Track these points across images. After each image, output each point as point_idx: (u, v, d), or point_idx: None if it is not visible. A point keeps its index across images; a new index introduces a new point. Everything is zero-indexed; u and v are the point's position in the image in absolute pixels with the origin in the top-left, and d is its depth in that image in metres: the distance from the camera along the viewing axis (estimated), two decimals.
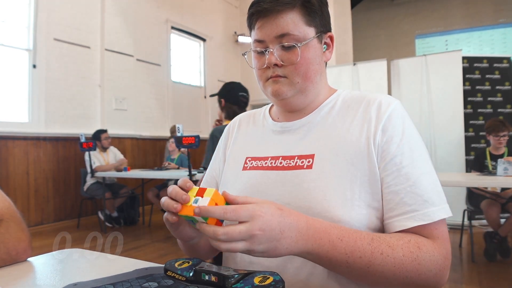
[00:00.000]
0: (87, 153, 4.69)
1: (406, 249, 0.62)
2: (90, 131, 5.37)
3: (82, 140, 4.58)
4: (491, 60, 4.68)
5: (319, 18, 0.74)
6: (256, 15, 0.73)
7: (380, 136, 0.70)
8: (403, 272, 0.61)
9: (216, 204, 0.55)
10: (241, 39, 8.46)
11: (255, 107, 0.96)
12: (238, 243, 0.53)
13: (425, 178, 0.67)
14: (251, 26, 0.76)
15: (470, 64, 4.63)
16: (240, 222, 0.53)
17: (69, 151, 5.10)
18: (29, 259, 0.80)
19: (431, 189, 0.67)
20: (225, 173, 0.86)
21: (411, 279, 0.62)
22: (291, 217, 0.57)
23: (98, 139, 4.94)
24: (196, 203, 0.56)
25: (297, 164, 0.74)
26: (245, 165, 0.81)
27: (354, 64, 5.25)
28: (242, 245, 0.53)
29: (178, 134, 3.61)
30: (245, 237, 0.53)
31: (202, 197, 0.56)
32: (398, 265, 0.61)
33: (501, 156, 3.40)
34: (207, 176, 0.93)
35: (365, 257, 0.60)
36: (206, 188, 0.57)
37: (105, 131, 5.03)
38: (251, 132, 0.87)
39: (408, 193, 0.66)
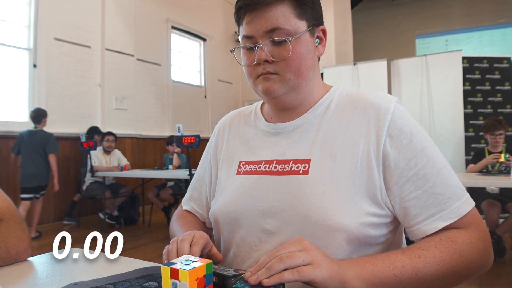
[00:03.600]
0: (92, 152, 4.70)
1: (441, 247, 0.60)
2: None
3: (83, 139, 4.57)
4: (491, 60, 4.69)
5: (310, 11, 0.71)
6: (244, 9, 0.69)
7: (389, 142, 0.67)
8: (449, 268, 0.59)
9: (197, 279, 0.50)
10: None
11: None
12: (297, 253, 0.52)
13: (443, 174, 0.66)
14: (239, 21, 0.72)
15: (470, 64, 4.63)
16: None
17: (69, 150, 5.10)
18: (29, 258, 0.80)
19: (451, 183, 0.65)
20: (220, 177, 0.83)
21: (461, 273, 0.60)
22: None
23: (102, 138, 4.94)
24: (187, 265, 0.52)
25: (293, 169, 0.70)
26: (239, 169, 0.78)
27: (354, 64, 5.25)
28: (300, 253, 0.52)
29: (178, 134, 3.61)
30: (297, 246, 0.53)
31: (178, 279, 0.51)
32: (441, 263, 0.59)
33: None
34: (197, 176, 0.92)
35: (407, 264, 0.58)
36: (178, 269, 0.50)
37: (109, 134, 4.95)
38: (244, 133, 0.83)
39: (431, 195, 0.64)
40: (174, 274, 0.50)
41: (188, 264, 0.51)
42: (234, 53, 0.76)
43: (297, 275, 0.50)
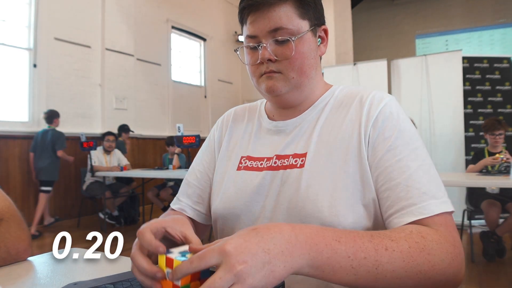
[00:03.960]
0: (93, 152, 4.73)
1: (411, 240, 0.55)
2: (91, 130, 5.37)
3: (83, 139, 4.58)
4: (491, 60, 4.68)
5: (312, 11, 0.72)
6: (247, 9, 0.71)
7: (372, 132, 0.68)
8: (414, 266, 0.53)
9: (192, 276, 0.48)
10: (241, 38, 8.47)
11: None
12: None
13: (422, 170, 0.63)
14: (242, 21, 0.74)
15: (470, 64, 4.63)
16: (217, 269, 0.45)
17: (69, 150, 5.09)
18: (29, 258, 0.80)
19: (429, 181, 0.63)
20: (219, 171, 0.83)
21: (426, 274, 0.54)
22: (270, 232, 0.48)
23: (102, 139, 4.96)
24: (183, 256, 0.51)
25: (291, 163, 0.72)
26: (240, 165, 0.79)
27: (354, 64, 5.25)
28: None
29: (178, 134, 3.61)
30: (230, 279, 0.43)
31: (172, 268, 0.49)
32: (408, 259, 0.53)
33: None
34: (196, 172, 0.88)
35: (370, 256, 0.52)
36: (173, 259, 0.50)
37: (109, 134, 4.97)
38: (247, 129, 0.85)
39: (404, 187, 0.62)
40: (169, 263, 0.51)
41: (185, 256, 0.51)
42: (237, 53, 0.79)
43: None
